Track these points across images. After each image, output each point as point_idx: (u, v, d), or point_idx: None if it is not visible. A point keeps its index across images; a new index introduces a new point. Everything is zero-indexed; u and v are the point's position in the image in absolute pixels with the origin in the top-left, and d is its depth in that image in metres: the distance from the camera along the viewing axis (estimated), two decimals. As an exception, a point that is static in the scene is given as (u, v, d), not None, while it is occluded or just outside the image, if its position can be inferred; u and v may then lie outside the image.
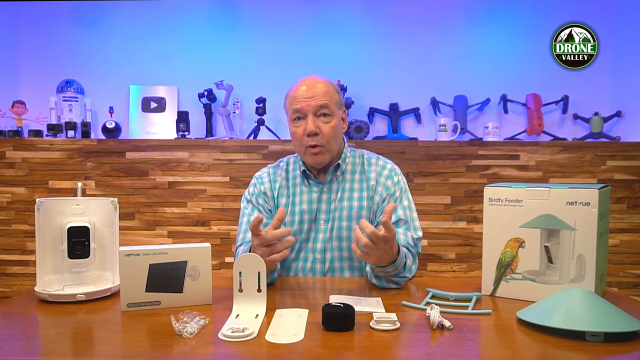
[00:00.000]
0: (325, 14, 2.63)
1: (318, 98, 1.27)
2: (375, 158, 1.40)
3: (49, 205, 1.02)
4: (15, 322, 0.90)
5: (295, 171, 1.39)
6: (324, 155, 1.29)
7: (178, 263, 0.97)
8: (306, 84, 1.31)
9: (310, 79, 1.33)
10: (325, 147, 1.28)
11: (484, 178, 2.36)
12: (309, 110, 1.27)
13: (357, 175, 1.36)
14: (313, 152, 1.29)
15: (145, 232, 2.38)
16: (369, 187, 1.34)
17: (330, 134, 1.28)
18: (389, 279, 1.14)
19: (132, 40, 2.64)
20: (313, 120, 1.27)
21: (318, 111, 1.27)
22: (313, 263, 1.32)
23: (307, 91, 1.29)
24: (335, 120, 1.30)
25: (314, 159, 1.30)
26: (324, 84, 1.31)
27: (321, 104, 1.27)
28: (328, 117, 1.28)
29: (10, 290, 2.38)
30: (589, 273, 0.95)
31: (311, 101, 1.27)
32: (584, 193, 0.94)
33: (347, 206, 1.32)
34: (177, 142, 2.38)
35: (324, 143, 1.28)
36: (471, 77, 2.61)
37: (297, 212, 1.33)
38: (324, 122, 1.28)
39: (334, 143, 1.30)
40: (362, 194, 1.33)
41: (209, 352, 0.74)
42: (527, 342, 0.78)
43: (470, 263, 2.37)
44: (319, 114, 1.28)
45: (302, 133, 1.28)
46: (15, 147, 2.36)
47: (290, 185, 1.37)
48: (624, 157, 2.33)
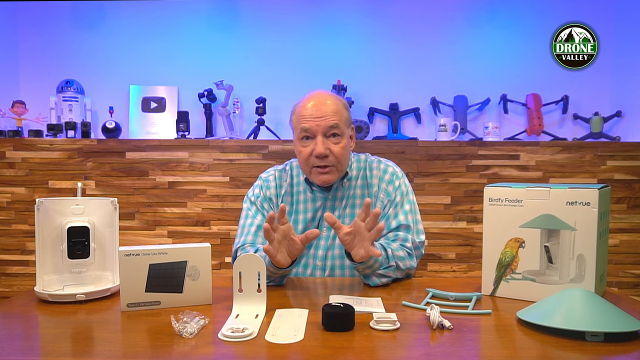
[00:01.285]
0: (325, 14, 2.63)
1: (328, 118, 1.22)
2: (377, 162, 1.36)
3: (49, 205, 1.02)
4: (15, 322, 0.90)
5: (299, 177, 1.35)
6: (333, 175, 1.26)
7: (178, 263, 0.97)
8: (314, 100, 1.25)
9: (318, 95, 1.27)
10: (336, 167, 1.25)
11: (484, 178, 2.36)
12: (319, 131, 1.22)
13: (359, 180, 1.33)
14: (321, 172, 1.24)
15: (145, 232, 2.38)
16: (371, 193, 1.31)
17: (340, 155, 1.24)
18: (378, 275, 1.14)
19: (132, 40, 2.64)
20: (323, 142, 1.21)
21: (328, 132, 1.22)
22: (313, 270, 1.31)
23: (316, 110, 1.23)
24: (345, 141, 1.25)
25: (321, 179, 1.25)
26: (333, 101, 1.25)
27: (331, 125, 1.22)
28: (338, 137, 1.24)
29: (10, 290, 2.38)
30: (589, 273, 0.95)
31: (321, 121, 1.22)
32: (584, 193, 0.94)
33: (350, 213, 1.30)
34: (177, 142, 2.38)
35: (334, 163, 1.24)
36: (471, 77, 2.60)
37: (301, 220, 1.31)
38: (334, 142, 1.23)
39: (344, 163, 1.27)
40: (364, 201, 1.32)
41: (209, 352, 0.74)
42: (527, 342, 0.78)
43: (470, 263, 2.37)
44: (329, 135, 1.23)
45: (310, 154, 1.23)
46: (15, 147, 2.36)
47: (294, 192, 1.34)
48: (624, 157, 2.33)
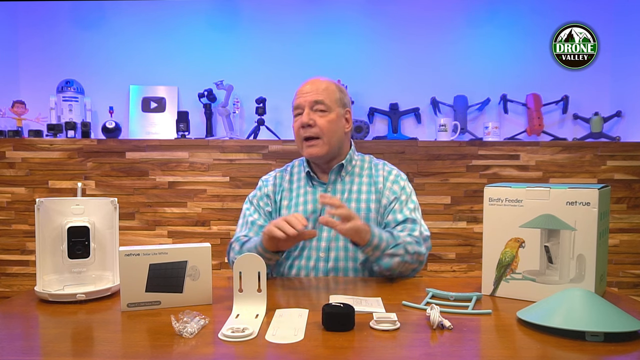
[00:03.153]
0: (325, 14, 2.63)
1: (314, 93, 1.31)
2: (382, 164, 1.42)
3: (49, 205, 1.02)
4: (15, 322, 0.90)
5: (300, 173, 1.41)
6: (320, 148, 1.31)
7: (178, 263, 0.97)
8: (310, 82, 1.36)
9: (315, 78, 1.37)
10: (322, 139, 1.30)
11: (484, 178, 2.36)
12: (305, 104, 1.31)
13: (365, 178, 1.38)
14: (308, 145, 1.31)
15: (145, 232, 2.38)
16: (377, 190, 1.35)
17: (325, 127, 1.30)
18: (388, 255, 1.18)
19: (132, 40, 2.64)
20: (308, 113, 1.30)
21: (314, 106, 1.31)
22: (317, 262, 1.31)
23: (308, 88, 1.33)
24: (333, 116, 1.32)
25: (308, 152, 1.32)
26: (327, 83, 1.35)
27: (316, 99, 1.30)
28: (325, 112, 1.31)
29: (10, 290, 2.38)
30: (589, 273, 0.95)
31: (308, 96, 1.31)
32: (584, 193, 0.94)
33: (355, 207, 1.33)
34: (177, 142, 2.38)
35: (319, 135, 1.30)
36: (471, 77, 2.61)
37: (302, 212, 1.34)
38: (320, 116, 1.30)
39: (331, 137, 1.31)
40: (370, 197, 1.34)
41: (209, 352, 0.74)
42: (527, 342, 0.78)
43: (470, 263, 2.37)
44: (315, 109, 1.31)
45: (299, 126, 1.32)
46: (15, 147, 2.36)
47: (294, 187, 1.39)
48: (624, 157, 2.33)
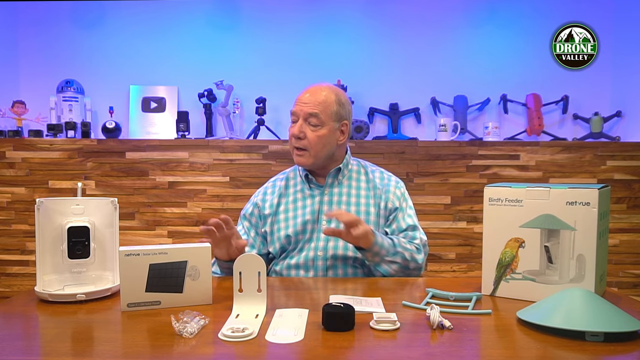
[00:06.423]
0: (325, 14, 2.63)
1: (311, 106, 1.31)
2: (380, 172, 1.44)
3: (49, 205, 1.02)
4: (15, 322, 0.90)
5: (297, 178, 1.42)
6: (306, 159, 1.33)
7: (178, 263, 0.97)
8: (310, 90, 1.35)
9: (316, 86, 1.36)
10: (309, 152, 1.32)
11: (484, 178, 2.36)
12: (300, 115, 1.32)
13: (362, 183, 1.39)
14: (297, 154, 1.35)
15: (145, 232, 2.38)
16: (376, 194, 1.37)
17: (314, 141, 1.31)
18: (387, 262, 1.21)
19: (132, 40, 2.64)
20: (300, 125, 1.31)
21: (308, 118, 1.31)
22: (315, 260, 1.32)
23: (306, 96, 1.33)
24: (324, 131, 1.32)
25: (296, 160, 1.36)
26: (327, 93, 1.33)
27: (311, 112, 1.31)
28: (317, 127, 1.31)
29: (10, 290, 2.38)
30: (589, 273, 0.95)
31: (304, 106, 1.31)
32: (584, 193, 0.94)
33: (355, 211, 1.34)
34: (177, 142, 2.38)
35: (307, 147, 1.32)
36: (471, 77, 2.60)
37: (300, 215, 1.35)
38: (312, 129, 1.31)
39: (318, 150, 1.32)
40: (369, 200, 1.36)
41: (209, 352, 0.74)
42: (527, 342, 0.78)
43: (470, 263, 2.37)
44: (308, 122, 1.31)
45: (292, 135, 1.34)
46: (15, 147, 2.36)
47: (291, 192, 1.41)
48: (623, 157, 2.33)
